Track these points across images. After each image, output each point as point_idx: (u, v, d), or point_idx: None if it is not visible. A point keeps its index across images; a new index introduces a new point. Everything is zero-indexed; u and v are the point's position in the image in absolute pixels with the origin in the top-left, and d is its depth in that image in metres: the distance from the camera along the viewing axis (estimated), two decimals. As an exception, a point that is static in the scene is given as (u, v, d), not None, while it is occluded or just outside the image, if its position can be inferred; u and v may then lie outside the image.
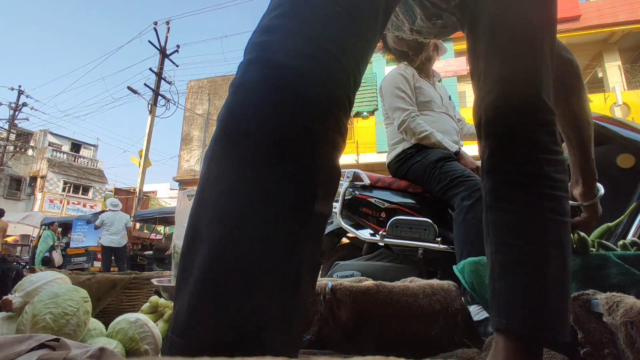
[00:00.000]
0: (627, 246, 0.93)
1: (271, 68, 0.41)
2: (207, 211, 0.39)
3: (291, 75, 0.41)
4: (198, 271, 0.37)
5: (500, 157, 0.64)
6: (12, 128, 19.09)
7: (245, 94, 0.41)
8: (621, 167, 1.28)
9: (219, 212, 0.38)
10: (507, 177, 0.63)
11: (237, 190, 0.38)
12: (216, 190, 0.39)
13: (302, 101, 0.40)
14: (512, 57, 0.63)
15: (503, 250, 0.61)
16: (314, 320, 0.94)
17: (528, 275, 0.57)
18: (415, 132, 1.83)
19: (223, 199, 0.39)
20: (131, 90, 11.62)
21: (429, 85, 2.00)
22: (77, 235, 9.03)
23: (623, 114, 9.09)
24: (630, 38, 10.20)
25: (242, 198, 0.38)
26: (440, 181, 1.69)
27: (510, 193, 0.62)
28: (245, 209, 0.38)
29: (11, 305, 0.82)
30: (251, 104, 0.40)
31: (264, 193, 0.38)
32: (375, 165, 9.80)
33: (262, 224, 0.37)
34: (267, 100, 0.40)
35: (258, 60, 0.43)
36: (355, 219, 2.00)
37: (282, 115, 0.40)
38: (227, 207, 0.38)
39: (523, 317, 0.56)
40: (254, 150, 0.39)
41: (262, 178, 0.38)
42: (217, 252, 0.37)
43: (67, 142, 23.84)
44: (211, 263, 0.37)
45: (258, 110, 0.40)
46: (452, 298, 1.02)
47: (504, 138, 0.64)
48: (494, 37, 0.65)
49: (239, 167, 0.39)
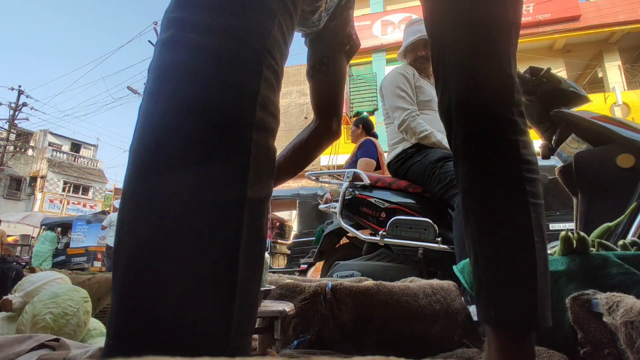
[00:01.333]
0: (627, 246, 0.92)
1: (184, 49, 0.39)
2: (130, 208, 0.37)
3: (207, 56, 0.39)
4: (122, 271, 0.35)
5: (476, 140, 0.61)
6: (12, 128, 19.09)
7: (159, 81, 0.39)
8: (621, 167, 1.28)
9: (142, 208, 0.36)
10: (485, 162, 0.60)
11: (163, 180, 0.36)
12: (141, 181, 0.37)
13: (224, 83, 0.39)
14: (478, 36, 0.61)
15: (487, 239, 0.59)
16: (314, 320, 0.94)
17: (517, 265, 0.56)
18: (415, 131, 1.84)
19: (148, 190, 0.36)
20: (131, 90, 11.63)
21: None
22: (77, 235, 9.03)
23: (623, 114, 9.09)
24: (630, 38, 10.20)
25: (167, 189, 0.36)
26: (440, 181, 1.69)
27: (490, 178, 0.59)
28: (171, 201, 0.35)
29: (11, 305, 0.82)
30: (172, 88, 0.38)
31: (190, 183, 0.36)
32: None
33: (189, 216, 0.35)
34: (186, 84, 0.38)
35: (171, 40, 0.40)
36: (355, 219, 2.00)
37: (204, 97, 0.38)
38: (152, 198, 0.36)
39: (514, 308, 0.55)
40: (176, 138, 0.37)
41: (186, 167, 0.36)
42: (140, 250, 0.35)
43: (67, 142, 23.83)
44: (134, 262, 0.35)
45: (180, 94, 0.38)
46: (452, 298, 1.02)
47: (479, 119, 0.61)
48: (457, 20, 0.62)
49: (162, 155, 0.37)
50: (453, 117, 0.63)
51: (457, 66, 0.63)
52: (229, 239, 0.37)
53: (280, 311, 0.79)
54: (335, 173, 2.21)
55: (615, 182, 1.29)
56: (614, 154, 1.30)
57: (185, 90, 0.38)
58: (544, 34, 10.09)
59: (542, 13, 10.00)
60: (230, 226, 0.37)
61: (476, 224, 0.60)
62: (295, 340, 0.93)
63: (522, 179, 0.58)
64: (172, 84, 0.39)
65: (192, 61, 0.39)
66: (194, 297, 0.34)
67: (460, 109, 0.62)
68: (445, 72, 0.64)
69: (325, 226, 2.58)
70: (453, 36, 0.63)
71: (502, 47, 0.60)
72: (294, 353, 0.87)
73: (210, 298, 0.35)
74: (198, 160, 0.37)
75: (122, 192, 0.38)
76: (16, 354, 0.57)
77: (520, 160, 0.58)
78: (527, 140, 0.60)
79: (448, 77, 0.64)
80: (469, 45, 0.61)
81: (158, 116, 0.38)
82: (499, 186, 0.59)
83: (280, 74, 0.45)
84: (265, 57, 0.42)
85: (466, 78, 0.62)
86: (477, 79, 0.61)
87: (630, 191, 1.25)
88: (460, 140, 0.63)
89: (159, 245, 0.35)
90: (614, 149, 1.31)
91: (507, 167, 0.59)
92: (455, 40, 0.63)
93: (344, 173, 2.07)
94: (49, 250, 8.63)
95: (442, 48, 0.65)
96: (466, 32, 0.62)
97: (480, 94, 0.61)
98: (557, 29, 9.99)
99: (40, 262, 8.30)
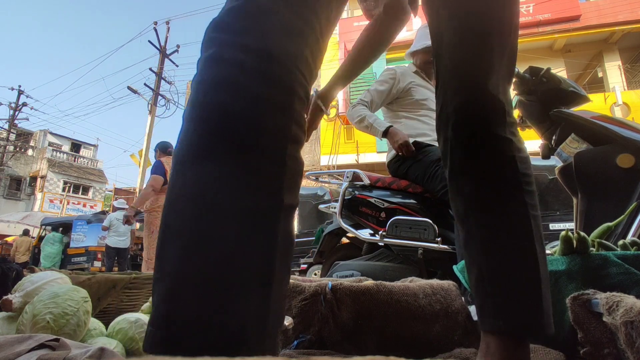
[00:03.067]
0: (627, 246, 0.92)
1: (227, 66, 0.42)
2: (178, 207, 0.40)
3: (248, 73, 0.42)
4: (171, 266, 0.38)
5: (477, 157, 0.64)
6: (12, 128, 19.09)
7: (205, 93, 0.42)
8: (621, 167, 1.28)
9: (191, 208, 0.39)
10: (489, 178, 0.63)
11: (208, 186, 0.39)
12: (187, 186, 0.40)
13: (263, 99, 0.42)
14: (470, 58, 0.63)
15: (493, 250, 0.61)
16: (314, 320, 0.94)
17: (523, 276, 0.58)
18: (353, 117, 1.94)
19: (194, 195, 0.39)
20: (131, 90, 11.62)
21: (428, 86, 2.00)
22: (77, 235, 9.03)
23: (623, 114, 9.09)
24: (630, 38, 10.20)
25: (212, 194, 0.38)
26: (441, 180, 1.69)
27: (495, 194, 0.62)
28: (215, 205, 0.38)
29: (11, 305, 0.82)
30: (213, 103, 0.42)
31: (233, 189, 0.39)
32: (375, 165, 9.79)
33: (233, 219, 0.38)
34: (230, 97, 0.41)
35: (214, 58, 0.44)
36: (355, 219, 2.00)
37: (247, 110, 0.41)
38: (198, 203, 0.39)
39: (521, 318, 0.57)
40: (221, 148, 0.40)
41: (231, 174, 0.39)
42: (190, 247, 0.38)
43: (67, 142, 23.83)
44: (184, 258, 0.37)
45: (221, 109, 0.41)
46: (452, 298, 1.02)
47: (477, 137, 0.64)
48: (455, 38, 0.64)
49: (209, 164, 0.40)
50: (449, 136, 0.67)
51: (454, 81, 0.66)
52: (268, 242, 0.40)
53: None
54: (335, 173, 2.21)
55: (615, 182, 1.29)
56: (613, 154, 1.30)
57: (228, 102, 0.41)
58: (544, 34, 10.09)
59: (542, 13, 10.00)
60: (269, 230, 0.40)
61: (481, 237, 0.62)
62: (295, 340, 0.93)
63: (522, 191, 0.61)
64: (217, 96, 0.42)
65: (235, 77, 0.42)
66: (234, 295, 0.37)
67: (456, 128, 0.66)
68: (444, 92, 0.68)
69: (325, 226, 2.57)
70: (449, 52, 0.65)
71: (494, 67, 0.63)
72: (293, 353, 0.87)
73: (250, 297, 0.38)
74: (242, 168, 0.40)
75: (168, 193, 0.41)
76: (16, 354, 0.57)
77: (520, 174, 0.62)
78: (524, 156, 0.64)
79: (446, 95, 0.67)
80: (464, 62, 0.64)
81: (205, 124, 0.41)
82: (504, 201, 0.62)
83: (309, 92, 0.49)
84: (297, 75, 0.45)
85: (460, 100, 0.65)
86: (470, 106, 0.64)
87: (630, 191, 1.25)
88: (460, 158, 0.66)
89: (203, 246, 0.38)
90: (613, 149, 1.31)
91: (511, 183, 0.62)
92: (450, 57, 0.65)
93: (343, 173, 2.07)
94: (58, 252, 8.67)
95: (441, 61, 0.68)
96: (462, 43, 0.64)
97: (474, 120, 0.64)
98: (557, 29, 9.98)
99: (52, 264, 8.29)
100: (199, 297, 0.36)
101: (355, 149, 10.44)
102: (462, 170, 0.66)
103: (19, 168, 20.65)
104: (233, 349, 0.35)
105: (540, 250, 0.59)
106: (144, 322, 0.86)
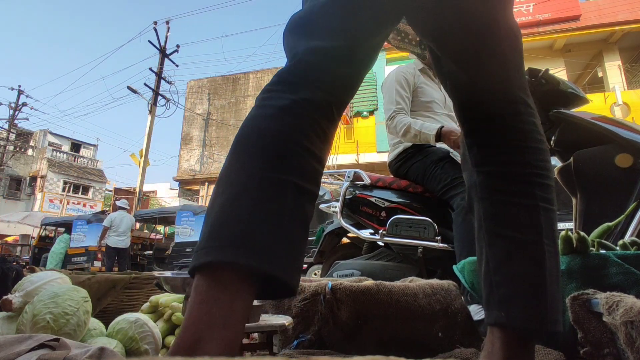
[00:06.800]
0: (627, 246, 0.92)
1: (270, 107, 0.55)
2: (223, 202, 0.50)
3: (278, 110, 0.54)
4: (218, 206, 0.50)
5: (489, 148, 0.65)
6: (12, 128, 19.09)
7: (262, 110, 0.56)
8: (620, 166, 1.28)
9: (231, 209, 0.49)
10: (499, 168, 0.63)
11: (245, 189, 0.50)
12: (234, 166, 0.52)
13: (296, 115, 0.54)
14: (480, 61, 0.64)
15: (498, 242, 0.60)
16: (314, 320, 0.94)
17: (528, 268, 0.57)
18: (397, 127, 1.81)
19: (236, 197, 0.50)
20: (131, 90, 11.61)
21: (434, 86, 1.99)
22: (77, 235, 9.03)
23: (623, 114, 9.09)
24: (630, 38, 10.20)
25: (251, 196, 0.49)
26: (441, 180, 1.69)
27: (503, 184, 0.62)
28: (255, 201, 0.49)
29: (11, 305, 0.82)
30: (265, 116, 0.55)
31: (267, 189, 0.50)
32: (375, 165, 9.80)
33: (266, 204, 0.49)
34: (273, 115, 0.54)
35: (264, 102, 0.56)
36: (355, 218, 2.00)
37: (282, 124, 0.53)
38: (236, 204, 0.49)
39: (525, 311, 0.55)
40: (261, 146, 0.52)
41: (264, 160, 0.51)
42: (228, 196, 0.50)
43: (67, 142, 23.83)
44: (225, 200, 0.50)
45: (268, 122, 0.53)
46: (452, 298, 1.02)
47: (489, 129, 0.65)
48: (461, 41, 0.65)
49: (253, 155, 0.52)
50: (467, 130, 0.68)
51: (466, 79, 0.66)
52: (302, 217, 0.51)
53: (279, 325, 0.78)
54: (336, 173, 2.21)
55: (614, 182, 1.29)
56: (613, 154, 1.31)
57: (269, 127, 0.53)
58: (544, 34, 10.09)
59: (542, 13, 10.00)
60: (300, 207, 0.51)
61: (488, 228, 0.62)
62: (295, 340, 0.93)
63: (532, 183, 0.60)
64: (261, 123, 0.54)
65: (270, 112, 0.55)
66: (274, 251, 0.47)
67: (471, 120, 0.67)
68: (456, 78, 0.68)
69: (325, 226, 2.58)
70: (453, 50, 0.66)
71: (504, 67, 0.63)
72: (293, 353, 0.87)
73: (290, 256, 0.49)
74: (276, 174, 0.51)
75: (215, 191, 0.53)
76: (16, 353, 0.57)
77: (531, 165, 0.61)
78: (539, 147, 0.63)
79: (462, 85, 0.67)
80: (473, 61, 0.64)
81: (251, 142, 0.53)
82: (511, 191, 0.61)
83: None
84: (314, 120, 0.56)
85: (476, 92, 0.65)
86: (485, 95, 0.65)
87: (629, 191, 1.25)
88: (476, 150, 0.67)
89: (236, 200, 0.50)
90: (613, 149, 1.31)
91: (519, 173, 0.61)
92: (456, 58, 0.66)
93: (344, 173, 2.08)
94: (63, 251, 8.75)
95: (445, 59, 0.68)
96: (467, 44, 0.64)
97: (487, 107, 0.65)
98: (557, 28, 9.98)
99: (57, 262, 8.44)
100: (236, 217, 0.48)
101: (355, 148, 10.44)
102: (473, 161, 0.67)
103: (19, 168, 20.65)
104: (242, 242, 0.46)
105: (549, 244, 0.58)
106: (144, 322, 0.86)
